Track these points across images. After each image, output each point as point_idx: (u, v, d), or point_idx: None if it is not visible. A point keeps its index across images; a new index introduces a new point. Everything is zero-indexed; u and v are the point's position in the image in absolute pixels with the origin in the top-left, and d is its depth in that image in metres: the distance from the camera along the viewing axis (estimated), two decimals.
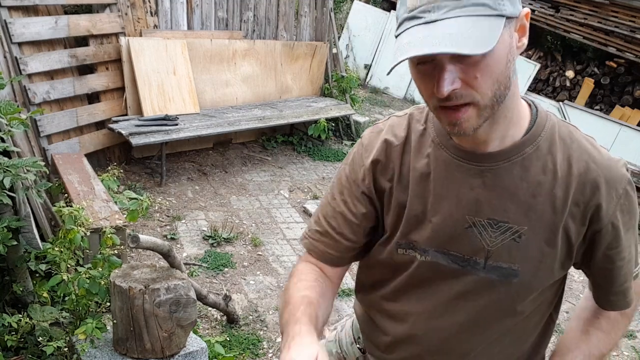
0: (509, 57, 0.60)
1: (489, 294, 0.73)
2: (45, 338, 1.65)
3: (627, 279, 0.76)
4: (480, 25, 0.57)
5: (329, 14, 4.68)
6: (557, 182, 0.69)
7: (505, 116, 0.66)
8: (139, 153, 3.63)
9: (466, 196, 0.71)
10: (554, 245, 0.70)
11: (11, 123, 1.69)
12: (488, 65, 0.59)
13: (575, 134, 0.73)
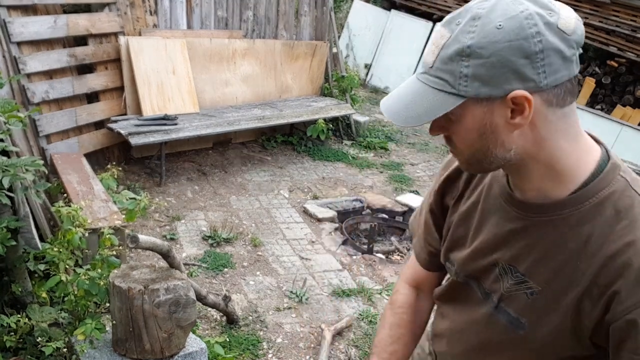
0: (484, 130, 0.62)
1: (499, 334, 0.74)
2: (44, 339, 1.64)
3: None
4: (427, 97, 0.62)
5: (329, 13, 4.67)
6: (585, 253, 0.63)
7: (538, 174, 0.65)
8: (138, 153, 3.62)
9: (499, 235, 0.71)
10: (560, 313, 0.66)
11: (9, 121, 1.68)
12: (456, 133, 0.64)
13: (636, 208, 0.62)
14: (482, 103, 0.60)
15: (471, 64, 0.59)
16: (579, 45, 0.60)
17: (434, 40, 0.63)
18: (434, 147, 4.88)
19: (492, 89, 0.59)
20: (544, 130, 0.62)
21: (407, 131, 5.16)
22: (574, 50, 0.60)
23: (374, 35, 6.36)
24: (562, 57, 0.59)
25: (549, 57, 0.58)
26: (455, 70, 0.60)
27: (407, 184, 3.92)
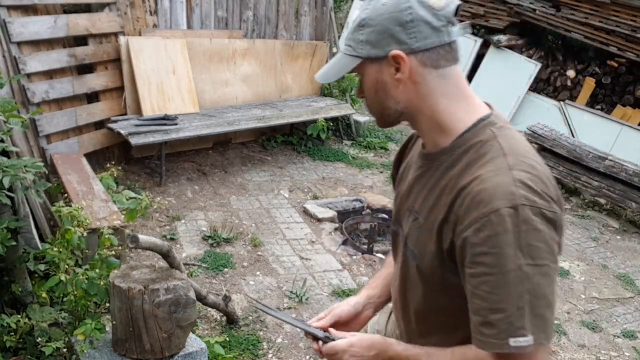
0: (378, 86, 0.80)
1: (409, 270, 0.87)
2: (44, 339, 1.64)
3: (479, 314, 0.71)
4: (340, 61, 0.82)
5: (329, 13, 4.67)
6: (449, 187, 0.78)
7: (426, 126, 0.82)
8: (138, 153, 3.62)
9: (410, 184, 0.88)
10: (432, 240, 0.79)
11: (10, 120, 1.68)
12: (365, 92, 0.83)
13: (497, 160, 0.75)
14: (374, 63, 0.79)
15: (365, 32, 0.78)
16: (449, 19, 0.76)
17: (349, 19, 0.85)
18: None
19: (378, 50, 0.78)
20: (423, 87, 0.78)
21: (407, 131, 5.16)
22: (443, 22, 0.76)
23: None
24: (431, 27, 0.76)
25: (418, 26, 0.75)
26: (356, 38, 0.79)
27: None
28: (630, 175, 3.76)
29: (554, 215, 0.72)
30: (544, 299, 0.70)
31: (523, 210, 0.69)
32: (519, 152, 0.75)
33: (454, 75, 0.79)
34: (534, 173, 0.73)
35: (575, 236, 3.58)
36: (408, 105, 0.80)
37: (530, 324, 0.69)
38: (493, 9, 5.71)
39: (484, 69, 5.63)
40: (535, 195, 0.71)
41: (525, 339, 0.69)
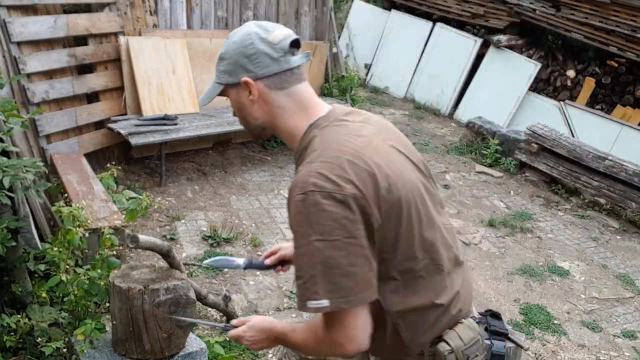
0: (240, 106, 1.01)
1: None
2: (44, 339, 1.64)
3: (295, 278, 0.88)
4: (211, 88, 1.03)
5: (329, 13, 4.67)
6: None
7: (283, 135, 1.00)
8: (138, 153, 3.62)
9: None
10: None
11: (10, 120, 1.68)
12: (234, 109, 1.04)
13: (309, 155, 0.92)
14: (233, 88, 0.99)
15: (223, 64, 0.99)
16: (285, 51, 0.95)
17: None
18: (434, 147, 4.88)
19: (234, 78, 0.98)
20: (272, 105, 0.98)
21: (407, 131, 5.16)
22: (281, 54, 0.95)
23: (374, 35, 6.36)
24: (271, 58, 0.95)
25: (260, 57, 0.95)
26: (219, 69, 1.00)
27: None
28: (630, 175, 3.76)
29: (344, 197, 0.84)
30: (338, 268, 0.84)
31: (312, 195, 0.84)
32: (327, 146, 0.90)
33: (297, 93, 0.98)
34: (332, 162, 0.87)
35: (575, 236, 3.58)
36: (264, 120, 1.00)
37: (323, 290, 0.84)
38: (493, 9, 5.71)
39: (484, 69, 5.63)
40: (326, 181, 0.85)
41: (319, 302, 0.84)
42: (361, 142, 0.91)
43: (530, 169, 4.39)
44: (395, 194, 0.89)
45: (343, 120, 0.97)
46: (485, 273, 2.98)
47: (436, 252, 0.97)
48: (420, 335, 0.98)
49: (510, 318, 2.58)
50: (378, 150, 0.92)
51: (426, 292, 0.96)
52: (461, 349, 0.97)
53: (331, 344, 0.90)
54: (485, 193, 4.04)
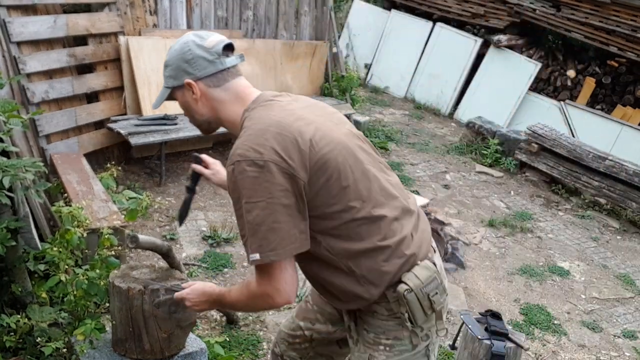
0: (186, 105, 1.14)
1: None
2: (44, 339, 1.64)
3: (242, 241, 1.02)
4: (162, 92, 1.17)
5: (329, 13, 4.67)
6: None
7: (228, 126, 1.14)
8: (138, 153, 3.62)
9: None
10: None
11: (10, 121, 1.68)
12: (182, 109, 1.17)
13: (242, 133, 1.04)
14: (179, 90, 1.13)
15: (167, 70, 1.13)
16: (219, 54, 1.09)
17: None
18: (434, 147, 4.88)
19: (178, 81, 1.12)
20: (213, 101, 1.11)
21: (407, 131, 5.16)
22: (216, 56, 1.09)
23: (374, 35, 6.36)
24: (207, 60, 1.09)
25: (197, 61, 1.09)
26: (165, 75, 1.14)
27: (407, 184, 3.91)
28: (631, 175, 3.76)
29: (265, 162, 0.97)
30: (264, 225, 0.97)
31: (239, 165, 0.98)
32: (254, 122, 1.03)
33: (233, 87, 1.11)
34: (255, 134, 1.00)
35: (575, 236, 3.58)
36: (209, 115, 1.13)
37: (255, 245, 0.98)
38: (493, 9, 5.71)
39: (484, 69, 5.63)
40: (248, 150, 0.98)
41: (253, 255, 0.99)
42: (284, 114, 1.04)
43: (531, 168, 4.39)
44: (320, 153, 1.01)
45: (271, 100, 1.09)
46: (486, 273, 2.98)
47: (374, 201, 1.06)
48: (375, 277, 1.06)
49: (511, 318, 2.58)
50: (302, 118, 1.04)
51: (370, 237, 1.05)
52: (420, 288, 1.06)
53: (261, 296, 1.04)
54: (485, 193, 4.04)
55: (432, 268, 1.09)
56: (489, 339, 1.68)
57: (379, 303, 1.09)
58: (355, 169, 1.05)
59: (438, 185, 4.06)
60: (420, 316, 1.07)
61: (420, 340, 1.12)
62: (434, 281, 1.08)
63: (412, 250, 1.09)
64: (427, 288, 1.07)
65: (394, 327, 1.10)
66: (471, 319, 1.75)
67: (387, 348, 1.11)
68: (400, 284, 1.06)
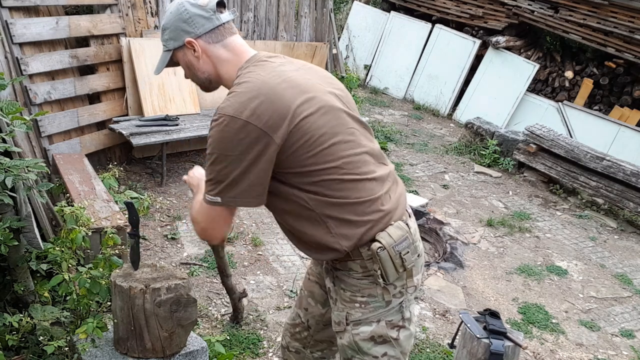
0: (188, 64, 1.18)
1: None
2: (46, 337, 1.65)
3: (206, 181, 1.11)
4: (162, 57, 1.20)
5: (329, 15, 4.69)
6: None
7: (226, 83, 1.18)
8: (140, 153, 3.63)
9: None
10: None
11: (13, 122, 1.69)
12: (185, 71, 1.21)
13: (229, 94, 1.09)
14: (180, 51, 1.17)
15: (166, 33, 1.17)
16: (214, 10, 1.14)
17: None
18: (433, 147, 4.90)
19: (178, 42, 1.16)
20: (213, 57, 1.16)
21: (406, 132, 5.18)
22: (211, 13, 1.14)
23: (374, 36, 6.38)
24: (204, 17, 1.13)
25: (195, 19, 1.13)
26: (164, 39, 1.18)
27: (407, 184, 3.93)
28: (628, 175, 3.78)
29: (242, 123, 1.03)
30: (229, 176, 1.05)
31: (219, 119, 1.05)
32: (243, 81, 1.08)
33: (231, 44, 1.16)
34: (241, 93, 1.05)
35: (573, 236, 3.60)
36: (210, 72, 1.17)
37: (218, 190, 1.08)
38: (491, 10, 5.74)
39: (482, 70, 5.65)
40: (230, 105, 1.04)
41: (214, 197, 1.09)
42: (273, 75, 1.09)
43: (529, 169, 4.41)
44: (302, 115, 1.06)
45: (264, 60, 1.14)
46: (484, 272, 3.00)
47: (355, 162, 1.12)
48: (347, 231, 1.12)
49: (509, 317, 2.60)
50: (289, 80, 1.09)
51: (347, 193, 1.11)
52: (392, 245, 1.12)
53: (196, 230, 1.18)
54: (483, 193, 4.06)
55: (404, 228, 1.15)
56: (488, 338, 1.69)
57: (354, 260, 1.14)
58: (339, 130, 1.11)
59: (437, 185, 4.08)
60: (392, 273, 1.13)
61: (392, 297, 1.16)
62: (406, 240, 1.14)
63: (387, 208, 1.14)
64: (399, 247, 1.12)
65: (368, 285, 1.15)
66: (470, 318, 1.77)
67: (362, 305, 1.16)
68: (374, 242, 1.12)
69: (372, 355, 1.18)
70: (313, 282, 1.39)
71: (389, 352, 1.19)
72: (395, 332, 1.18)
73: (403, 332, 1.19)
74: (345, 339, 1.19)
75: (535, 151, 4.30)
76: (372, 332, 1.17)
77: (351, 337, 1.18)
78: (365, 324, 1.16)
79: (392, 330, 1.18)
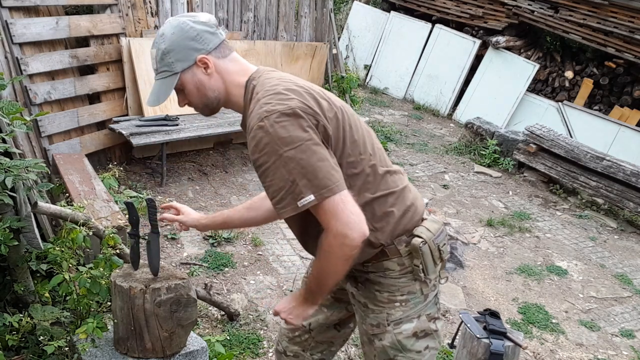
0: (198, 85, 1.12)
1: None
2: (46, 337, 1.65)
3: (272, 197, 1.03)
4: (161, 85, 1.12)
5: (329, 15, 4.69)
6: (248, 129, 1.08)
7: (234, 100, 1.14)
8: (140, 153, 3.63)
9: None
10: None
11: (13, 123, 1.70)
12: (189, 96, 1.14)
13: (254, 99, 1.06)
14: (188, 72, 1.11)
15: (171, 56, 1.10)
16: (216, 26, 1.13)
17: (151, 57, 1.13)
18: (433, 147, 4.90)
19: (188, 62, 1.10)
20: (224, 72, 1.13)
21: (406, 132, 5.18)
22: (214, 28, 1.12)
23: (374, 36, 6.38)
24: (210, 33, 1.11)
25: (203, 35, 1.10)
26: (168, 63, 1.10)
27: None
28: (628, 175, 3.78)
29: (292, 110, 1.00)
30: (310, 166, 0.98)
31: (267, 120, 0.99)
32: (266, 86, 1.06)
33: (236, 58, 1.15)
34: (273, 92, 1.03)
35: (573, 236, 3.60)
36: (220, 90, 1.13)
37: (305, 188, 0.98)
38: (492, 11, 5.74)
39: (482, 70, 5.65)
40: (274, 105, 1.00)
41: (306, 198, 0.98)
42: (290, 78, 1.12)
43: (529, 169, 4.41)
44: (333, 107, 1.07)
45: (272, 70, 1.16)
46: (484, 272, 3.00)
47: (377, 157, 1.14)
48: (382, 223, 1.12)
49: (509, 317, 2.60)
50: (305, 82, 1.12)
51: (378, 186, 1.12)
52: (432, 239, 1.14)
53: (338, 242, 1.00)
54: (483, 193, 4.06)
55: (439, 221, 1.17)
56: (488, 338, 1.69)
57: (390, 259, 1.14)
58: (360, 127, 1.13)
59: (437, 185, 4.08)
60: (431, 267, 1.15)
61: (430, 290, 1.20)
62: (442, 232, 1.17)
63: (411, 200, 1.17)
64: (437, 239, 1.15)
65: (406, 283, 1.17)
66: (470, 318, 1.77)
67: (403, 303, 1.17)
68: (414, 238, 1.13)
69: (415, 351, 1.19)
70: None
71: (430, 344, 1.21)
72: (434, 324, 1.21)
73: (439, 323, 1.23)
74: (387, 339, 1.18)
75: (535, 151, 4.30)
76: (414, 329, 1.18)
77: (394, 337, 1.18)
78: (407, 322, 1.17)
79: (432, 322, 1.21)
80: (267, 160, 0.99)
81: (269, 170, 0.99)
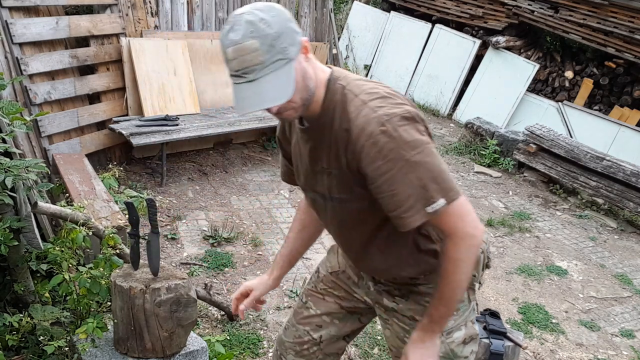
0: (302, 74, 0.94)
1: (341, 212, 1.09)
2: (46, 337, 1.65)
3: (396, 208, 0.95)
4: (277, 78, 0.91)
5: (329, 15, 4.69)
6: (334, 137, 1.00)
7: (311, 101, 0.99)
8: (140, 153, 3.64)
9: (307, 157, 1.07)
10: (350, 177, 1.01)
11: (13, 123, 1.70)
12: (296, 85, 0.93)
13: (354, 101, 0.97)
14: (296, 59, 0.93)
15: (283, 39, 0.90)
16: None
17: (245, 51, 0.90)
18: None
19: (297, 46, 0.93)
20: (313, 62, 0.99)
21: None
22: None
23: (374, 36, 6.38)
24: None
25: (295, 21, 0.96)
26: (280, 48, 0.90)
27: None
28: (628, 175, 3.79)
29: (409, 113, 0.95)
30: (437, 168, 0.94)
31: (389, 124, 0.92)
32: (365, 90, 0.98)
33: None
34: (381, 96, 0.96)
35: (573, 236, 3.60)
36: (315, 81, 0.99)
37: (436, 192, 0.93)
38: (492, 11, 5.74)
39: (482, 70, 5.66)
40: (390, 109, 0.94)
41: (437, 202, 0.93)
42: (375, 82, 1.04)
43: (529, 169, 4.41)
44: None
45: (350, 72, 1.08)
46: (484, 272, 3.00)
47: None
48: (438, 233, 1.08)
49: (509, 317, 2.60)
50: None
51: None
52: (485, 248, 1.17)
53: (466, 244, 0.97)
54: (483, 193, 4.06)
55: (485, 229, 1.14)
56: (488, 338, 1.70)
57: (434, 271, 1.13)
58: None
59: None
60: (480, 274, 1.18)
61: (475, 296, 1.21)
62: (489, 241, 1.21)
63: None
64: (488, 248, 1.20)
65: None
66: None
67: (454, 313, 1.15)
68: None
69: (463, 357, 1.19)
70: (331, 302, 1.33)
71: (473, 348, 1.22)
72: (475, 329, 1.22)
73: (476, 326, 1.24)
74: (441, 350, 1.15)
75: (535, 151, 4.30)
76: (464, 336, 1.18)
77: (447, 346, 1.16)
78: (457, 330, 1.17)
79: (474, 327, 1.22)
80: (392, 167, 0.91)
81: (395, 177, 0.91)
